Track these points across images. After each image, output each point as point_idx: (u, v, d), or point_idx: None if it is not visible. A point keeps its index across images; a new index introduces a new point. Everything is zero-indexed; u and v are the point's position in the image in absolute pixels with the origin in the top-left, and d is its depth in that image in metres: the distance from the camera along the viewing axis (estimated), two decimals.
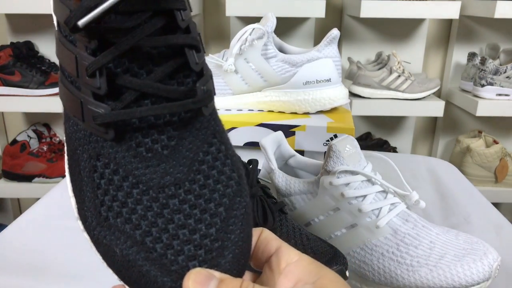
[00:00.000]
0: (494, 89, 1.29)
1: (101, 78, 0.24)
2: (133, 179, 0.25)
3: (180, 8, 0.26)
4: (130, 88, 0.25)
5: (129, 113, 0.25)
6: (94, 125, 0.25)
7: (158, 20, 0.25)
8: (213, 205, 0.26)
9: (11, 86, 1.28)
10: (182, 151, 0.26)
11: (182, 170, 0.26)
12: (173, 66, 0.26)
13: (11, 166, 1.39)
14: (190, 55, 0.26)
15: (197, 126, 0.27)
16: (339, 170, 0.46)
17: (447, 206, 0.68)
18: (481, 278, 0.40)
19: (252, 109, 0.68)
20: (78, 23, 0.23)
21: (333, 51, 0.65)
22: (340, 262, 0.40)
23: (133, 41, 0.24)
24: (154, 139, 0.26)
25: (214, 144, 0.27)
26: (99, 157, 0.26)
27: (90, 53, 0.25)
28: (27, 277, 0.48)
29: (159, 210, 0.25)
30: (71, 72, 0.26)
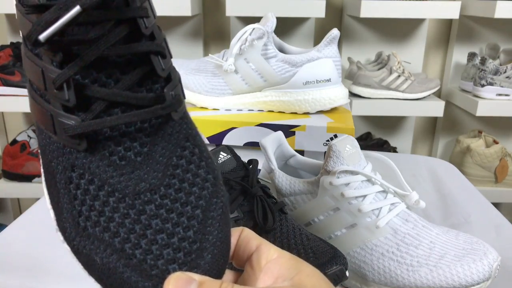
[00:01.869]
0: (494, 89, 1.29)
1: (69, 90, 0.25)
2: (108, 188, 0.25)
3: (143, 16, 0.26)
4: (99, 98, 0.25)
5: (99, 123, 0.25)
6: (66, 137, 0.25)
7: (122, 29, 0.25)
8: (189, 208, 0.26)
9: (11, 86, 1.28)
10: (156, 156, 0.26)
11: (156, 175, 0.26)
12: (140, 74, 0.26)
13: (11, 166, 1.39)
14: (156, 61, 0.26)
15: (169, 131, 0.27)
16: (339, 170, 0.46)
17: (447, 206, 0.68)
18: (481, 278, 0.40)
19: (252, 109, 0.68)
20: (39, 37, 0.23)
21: (333, 51, 0.65)
22: (340, 262, 0.40)
23: (98, 52, 0.24)
24: (126, 147, 0.26)
25: (187, 147, 0.27)
26: (74, 168, 0.26)
27: (56, 66, 0.25)
28: (27, 277, 0.48)
29: (136, 216, 0.25)
30: (38, 85, 0.26)
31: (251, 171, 0.47)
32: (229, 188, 0.46)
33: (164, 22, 1.45)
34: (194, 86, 0.67)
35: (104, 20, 0.24)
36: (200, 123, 0.63)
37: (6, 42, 1.42)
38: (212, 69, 0.68)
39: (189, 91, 0.68)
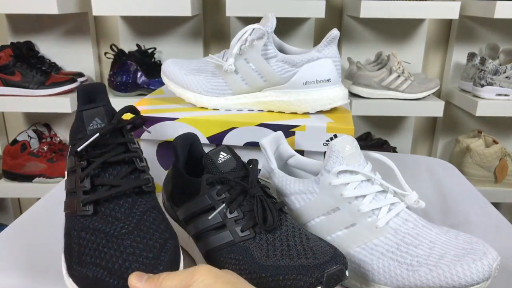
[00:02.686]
0: (494, 89, 1.29)
1: (87, 180, 0.44)
2: (102, 235, 0.41)
3: (131, 142, 0.47)
4: (103, 184, 0.44)
5: (99, 194, 0.43)
6: (81, 208, 0.43)
7: (119, 148, 0.46)
8: (152, 242, 0.41)
9: (11, 86, 1.28)
10: (134, 215, 0.43)
11: (133, 225, 0.42)
12: (128, 169, 0.46)
13: (12, 166, 1.39)
14: (137, 162, 0.47)
15: (144, 202, 0.45)
16: (339, 170, 0.47)
17: (447, 206, 0.68)
18: (481, 278, 0.40)
19: (252, 109, 0.68)
20: (78, 149, 0.44)
21: (333, 51, 0.65)
22: (340, 261, 0.41)
23: (104, 159, 0.45)
24: (116, 211, 0.43)
25: (153, 212, 0.45)
26: (83, 229, 0.42)
27: (82, 170, 0.44)
28: (27, 277, 0.48)
29: (117, 247, 0.40)
30: (71, 187, 0.45)
31: (251, 171, 0.47)
32: (229, 188, 0.46)
33: (164, 22, 1.45)
34: (194, 86, 0.67)
35: (109, 143, 0.46)
36: (200, 123, 0.63)
37: (6, 42, 1.42)
38: (212, 69, 0.68)
39: (189, 91, 0.68)
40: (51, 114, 1.53)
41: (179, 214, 0.50)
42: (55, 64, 1.45)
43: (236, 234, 0.44)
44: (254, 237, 0.44)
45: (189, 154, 0.54)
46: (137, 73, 1.35)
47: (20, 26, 1.44)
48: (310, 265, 0.40)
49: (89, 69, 1.50)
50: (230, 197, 0.45)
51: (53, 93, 1.29)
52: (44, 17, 1.43)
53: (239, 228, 0.44)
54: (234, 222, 0.45)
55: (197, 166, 0.55)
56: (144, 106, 0.69)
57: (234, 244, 0.44)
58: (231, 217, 0.45)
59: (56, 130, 1.55)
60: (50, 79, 1.30)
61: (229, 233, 0.44)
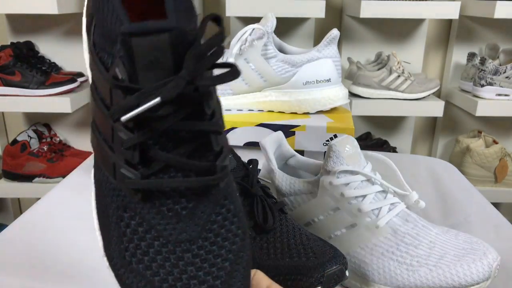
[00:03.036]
0: (494, 89, 1.29)
1: (135, 152, 0.28)
2: (155, 233, 0.29)
3: (208, 99, 0.28)
4: (159, 160, 0.28)
5: (157, 183, 0.28)
6: (124, 186, 0.29)
7: (188, 108, 0.28)
8: (220, 260, 0.29)
9: (11, 86, 1.28)
10: (198, 212, 0.30)
11: (196, 228, 0.30)
12: (197, 145, 0.29)
13: (12, 166, 1.39)
14: (213, 139, 0.29)
15: (213, 192, 0.30)
16: (339, 170, 0.47)
17: (447, 206, 0.68)
18: (481, 278, 0.40)
19: (252, 109, 0.68)
20: (121, 118, 0.27)
21: (333, 51, 0.65)
22: (340, 262, 0.41)
23: (166, 126, 0.27)
24: (175, 201, 0.29)
25: (225, 205, 0.31)
26: (126, 209, 0.29)
27: (127, 129, 0.28)
28: (27, 277, 0.48)
29: (175, 261, 0.29)
30: (105, 134, 0.29)
31: (251, 171, 0.47)
32: None
33: None
34: None
35: (174, 102, 0.27)
36: None
37: (6, 42, 1.42)
38: None
39: None
40: (51, 114, 1.53)
41: None
42: (55, 64, 1.45)
43: None
44: (254, 237, 0.44)
45: None
46: None
47: (20, 26, 1.44)
48: (310, 265, 0.40)
49: None
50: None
51: (53, 93, 1.29)
52: (44, 17, 1.43)
53: None
54: None
55: None
56: None
57: None
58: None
59: (56, 130, 1.55)
60: (50, 79, 1.30)
61: None
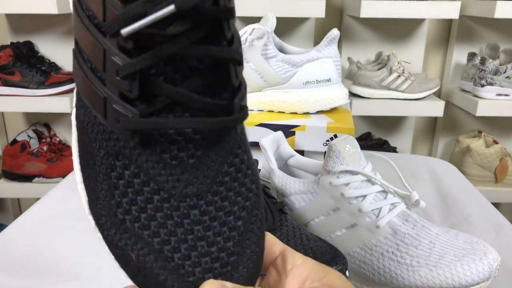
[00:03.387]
0: (494, 89, 1.29)
1: (134, 82, 0.22)
2: (154, 185, 0.24)
3: (229, 18, 0.23)
4: (162, 94, 0.23)
5: (160, 123, 0.23)
6: (118, 127, 0.23)
7: (203, 28, 0.22)
8: (232, 218, 0.25)
9: (11, 86, 1.28)
10: (208, 162, 0.25)
11: (205, 181, 0.25)
12: (211, 77, 0.24)
13: (11, 166, 1.39)
14: (232, 69, 0.24)
15: (226, 139, 0.25)
16: (339, 170, 0.47)
17: (447, 206, 0.68)
18: (481, 278, 0.40)
19: (252, 109, 0.68)
20: (122, 31, 0.21)
21: (333, 51, 0.65)
22: (340, 262, 0.40)
23: (175, 49, 0.22)
24: (180, 147, 0.24)
25: (238, 154, 0.26)
26: (119, 157, 0.24)
27: (124, 52, 0.22)
28: (27, 277, 0.48)
29: (179, 219, 0.24)
30: (94, 62, 0.23)
31: None
32: None
33: None
34: None
35: (188, 17, 0.22)
36: None
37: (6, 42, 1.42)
38: None
39: None
40: (51, 114, 1.53)
41: None
42: (55, 64, 1.45)
43: None
44: None
45: None
46: None
47: (20, 26, 1.44)
48: None
49: None
50: None
51: (53, 93, 1.29)
52: (44, 17, 1.43)
53: None
54: None
55: None
56: None
57: None
58: None
59: (56, 130, 1.55)
60: (50, 79, 1.30)
61: None
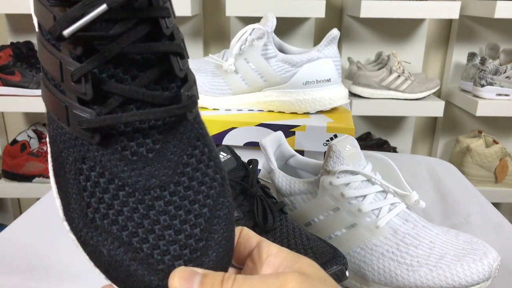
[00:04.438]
0: (494, 89, 1.29)
1: (87, 83, 0.25)
2: (119, 182, 0.26)
3: (165, 16, 0.26)
4: (115, 93, 0.25)
5: (114, 118, 0.25)
6: (80, 130, 0.26)
7: (143, 27, 0.25)
8: (197, 206, 0.26)
9: (11, 86, 1.28)
10: (167, 154, 0.27)
11: (167, 172, 0.26)
12: (158, 72, 0.26)
13: (11, 166, 1.39)
14: (174, 61, 0.27)
15: (181, 130, 0.27)
16: (339, 170, 0.47)
17: (447, 206, 0.68)
18: (481, 278, 0.40)
19: (252, 109, 0.68)
20: (64, 32, 0.23)
21: (333, 51, 0.65)
22: (340, 262, 0.40)
23: (118, 49, 0.25)
24: (139, 142, 0.26)
25: (198, 147, 0.28)
26: (85, 160, 0.26)
27: (75, 59, 0.25)
28: (27, 277, 0.48)
29: (145, 211, 0.25)
30: (55, 76, 0.26)
31: (251, 171, 0.47)
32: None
33: None
34: None
35: (127, 18, 0.25)
36: None
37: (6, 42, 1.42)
38: (212, 69, 0.68)
39: None
40: None
41: None
42: None
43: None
44: None
45: None
46: None
47: (20, 26, 1.44)
48: None
49: None
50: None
51: None
52: None
53: None
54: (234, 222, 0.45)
55: None
56: None
57: None
58: None
59: None
60: None
61: None
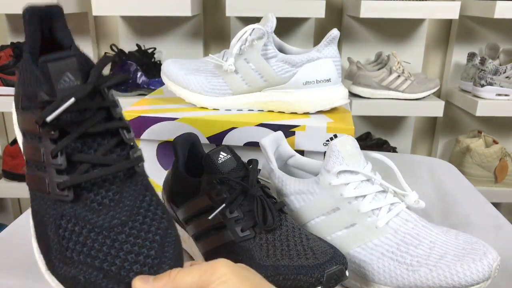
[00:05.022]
0: (494, 89, 1.29)
1: (62, 156, 0.34)
2: (89, 226, 0.34)
3: (114, 106, 0.37)
4: (84, 162, 0.35)
5: (84, 177, 0.34)
6: (58, 192, 0.34)
7: (100, 114, 0.36)
8: (151, 235, 0.35)
9: (11, 86, 1.28)
10: (125, 201, 0.35)
11: (125, 214, 0.35)
12: (112, 143, 0.36)
13: (11, 166, 1.39)
14: (123, 134, 0.37)
15: (134, 184, 0.37)
16: (339, 170, 0.47)
17: (447, 206, 0.68)
18: (481, 278, 0.40)
19: (252, 109, 0.68)
20: (47, 119, 0.33)
21: (333, 51, 0.65)
22: (340, 261, 0.41)
23: (83, 129, 0.35)
24: (102, 196, 0.35)
25: (147, 195, 0.37)
26: (63, 217, 0.34)
27: (53, 142, 0.34)
28: (27, 277, 0.48)
29: (111, 243, 0.33)
30: (36, 159, 0.35)
31: (251, 171, 0.47)
32: (229, 188, 0.46)
33: (164, 22, 1.45)
34: (194, 86, 0.67)
35: (88, 108, 0.35)
36: (200, 123, 0.63)
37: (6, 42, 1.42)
38: (212, 69, 0.68)
39: (189, 91, 0.68)
40: None
41: (179, 214, 0.50)
42: None
43: (236, 234, 0.44)
44: (254, 237, 0.44)
45: (189, 154, 0.54)
46: (137, 73, 1.35)
47: (20, 26, 1.44)
48: (310, 265, 0.40)
49: None
50: (230, 197, 0.45)
51: None
52: None
53: (239, 228, 0.44)
54: (234, 222, 0.45)
55: (197, 166, 0.55)
56: (144, 106, 0.69)
57: (234, 244, 0.44)
58: (231, 217, 0.45)
59: None
60: None
61: (229, 233, 0.44)
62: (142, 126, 0.65)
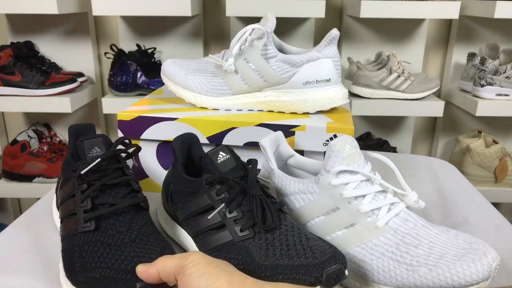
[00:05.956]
0: (494, 89, 1.29)
1: (88, 199, 0.48)
2: (104, 245, 0.45)
3: (126, 167, 0.52)
4: (105, 203, 0.48)
5: (100, 210, 0.47)
6: (83, 225, 0.47)
7: (116, 171, 0.51)
8: (153, 247, 0.45)
9: (11, 86, 1.28)
10: (135, 227, 0.48)
11: (135, 234, 0.47)
12: (126, 190, 0.50)
13: (12, 166, 1.39)
14: (134, 183, 0.51)
15: (140, 219, 0.49)
16: (339, 170, 0.47)
17: (447, 206, 0.68)
18: (481, 278, 0.40)
19: (252, 109, 0.68)
20: (81, 172, 0.48)
21: (333, 51, 0.65)
22: (339, 261, 0.40)
23: (104, 181, 0.49)
24: (117, 225, 0.47)
25: (150, 226, 0.49)
26: (86, 243, 0.45)
27: (82, 193, 0.48)
28: (27, 277, 0.48)
29: (121, 253, 0.44)
30: (71, 210, 0.48)
31: (250, 170, 0.47)
32: (229, 188, 0.46)
33: (164, 22, 1.45)
34: (194, 86, 0.67)
35: (109, 167, 0.50)
36: (200, 123, 0.63)
37: (7, 42, 1.42)
38: (212, 69, 0.68)
39: (189, 91, 0.68)
40: (51, 114, 1.53)
41: (179, 214, 0.50)
42: (55, 64, 1.45)
43: (235, 234, 0.44)
44: (254, 237, 0.44)
45: (188, 154, 0.54)
46: (137, 73, 1.35)
47: (20, 26, 1.44)
48: (309, 265, 0.40)
49: (89, 69, 1.50)
50: (229, 197, 0.45)
51: (53, 93, 1.29)
52: (44, 17, 1.43)
53: (239, 228, 0.44)
54: (233, 222, 0.45)
55: (197, 166, 0.55)
56: (144, 106, 0.69)
57: (234, 244, 0.44)
58: (231, 217, 0.45)
59: (56, 130, 1.55)
60: (50, 79, 1.30)
61: (228, 233, 0.44)
62: (142, 126, 0.65)
